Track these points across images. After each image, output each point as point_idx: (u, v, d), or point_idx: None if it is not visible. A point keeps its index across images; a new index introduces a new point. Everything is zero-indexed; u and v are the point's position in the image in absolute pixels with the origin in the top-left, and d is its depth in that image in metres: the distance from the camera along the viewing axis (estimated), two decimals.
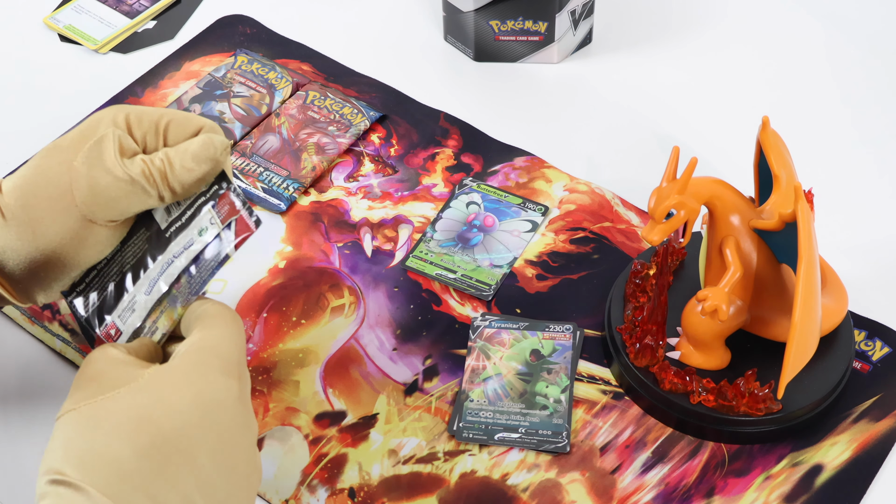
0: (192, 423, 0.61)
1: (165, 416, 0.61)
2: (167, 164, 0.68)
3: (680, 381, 0.77)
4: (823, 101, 1.00)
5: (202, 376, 0.63)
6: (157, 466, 0.60)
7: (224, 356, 0.65)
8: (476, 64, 1.03)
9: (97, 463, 0.59)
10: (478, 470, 0.76)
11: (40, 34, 1.07)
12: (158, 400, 0.62)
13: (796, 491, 0.75)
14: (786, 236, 0.72)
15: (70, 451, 0.60)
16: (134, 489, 0.59)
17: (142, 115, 0.70)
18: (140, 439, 0.60)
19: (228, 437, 0.63)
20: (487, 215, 0.90)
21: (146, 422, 0.61)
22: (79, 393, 0.63)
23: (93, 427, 0.61)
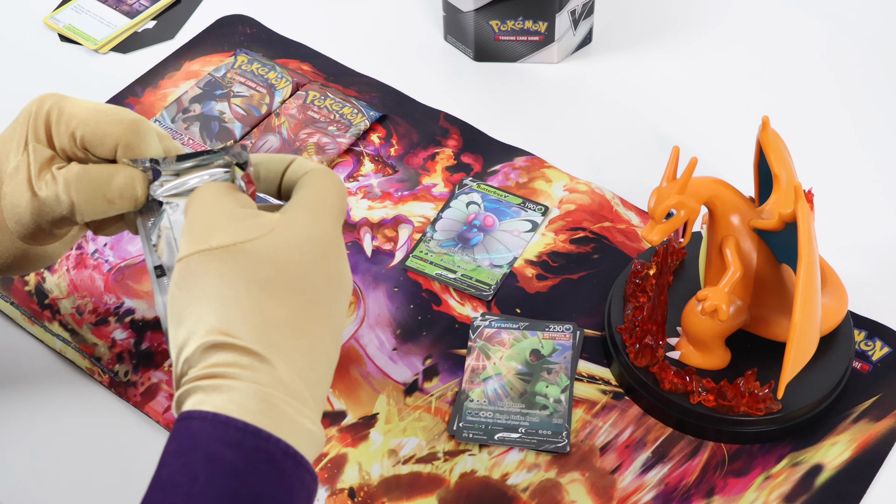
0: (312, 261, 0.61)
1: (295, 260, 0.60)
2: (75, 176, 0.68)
3: (680, 380, 0.77)
4: (823, 101, 1.00)
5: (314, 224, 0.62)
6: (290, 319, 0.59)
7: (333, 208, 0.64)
8: (476, 64, 1.03)
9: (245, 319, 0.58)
10: (478, 470, 0.76)
11: (40, 34, 1.07)
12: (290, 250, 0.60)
13: (796, 491, 0.75)
14: (786, 236, 0.72)
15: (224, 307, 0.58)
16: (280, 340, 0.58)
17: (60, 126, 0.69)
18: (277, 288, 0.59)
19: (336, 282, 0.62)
20: (487, 215, 0.90)
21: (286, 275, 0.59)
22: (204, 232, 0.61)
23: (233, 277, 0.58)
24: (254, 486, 0.53)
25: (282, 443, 0.55)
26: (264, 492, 0.53)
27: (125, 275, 0.87)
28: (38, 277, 0.87)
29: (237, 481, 0.53)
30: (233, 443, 0.54)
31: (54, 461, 0.78)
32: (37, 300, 0.85)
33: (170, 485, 0.53)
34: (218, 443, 0.54)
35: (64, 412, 0.81)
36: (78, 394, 0.82)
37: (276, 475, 0.54)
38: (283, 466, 0.54)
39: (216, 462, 0.53)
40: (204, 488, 0.53)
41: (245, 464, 0.53)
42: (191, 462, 0.54)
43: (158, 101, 1.00)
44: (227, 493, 0.53)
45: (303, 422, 0.57)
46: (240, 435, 0.54)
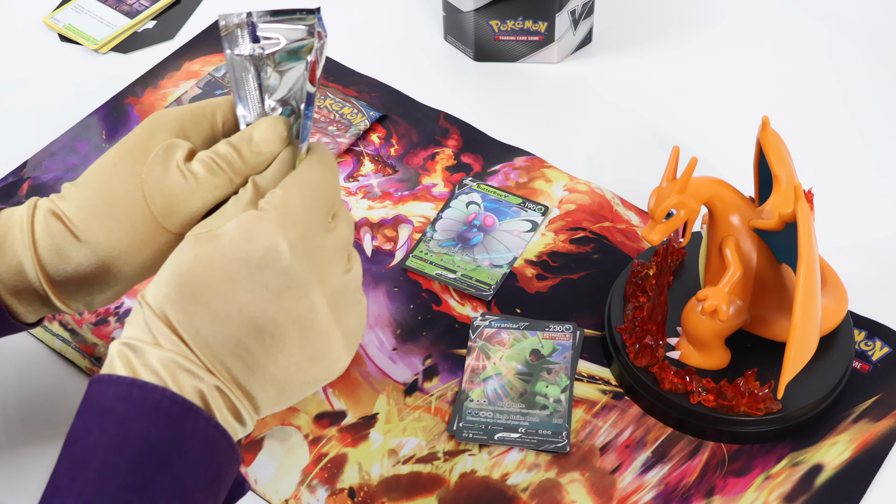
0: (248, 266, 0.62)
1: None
2: (233, 152, 0.68)
3: (680, 380, 0.77)
4: (823, 101, 1.00)
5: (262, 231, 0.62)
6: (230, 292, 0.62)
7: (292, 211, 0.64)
8: (476, 64, 1.03)
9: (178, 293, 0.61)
10: (478, 470, 0.76)
11: (40, 34, 1.07)
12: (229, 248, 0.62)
13: (796, 491, 0.75)
14: (786, 236, 0.72)
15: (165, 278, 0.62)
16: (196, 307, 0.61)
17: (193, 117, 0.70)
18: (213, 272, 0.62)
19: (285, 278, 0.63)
20: (487, 215, 0.90)
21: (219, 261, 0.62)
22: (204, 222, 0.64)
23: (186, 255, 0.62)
24: (140, 429, 0.58)
25: (168, 391, 0.59)
26: (150, 434, 0.58)
27: None
28: None
29: (124, 426, 0.58)
30: (121, 397, 0.59)
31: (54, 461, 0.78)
32: None
33: (72, 440, 0.59)
34: (109, 398, 0.59)
35: (64, 412, 0.81)
36: (78, 394, 0.81)
37: (163, 418, 0.59)
38: (169, 411, 0.59)
39: (107, 414, 0.59)
40: (98, 437, 0.58)
41: (131, 411, 0.59)
42: (88, 418, 0.59)
43: (158, 101, 1.00)
44: (117, 437, 0.58)
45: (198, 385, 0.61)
46: (128, 389, 0.59)
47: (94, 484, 0.57)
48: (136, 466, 0.57)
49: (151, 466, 0.58)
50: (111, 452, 0.58)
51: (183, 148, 0.68)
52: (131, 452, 0.58)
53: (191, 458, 0.59)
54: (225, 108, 0.71)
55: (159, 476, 0.58)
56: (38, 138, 0.98)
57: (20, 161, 0.96)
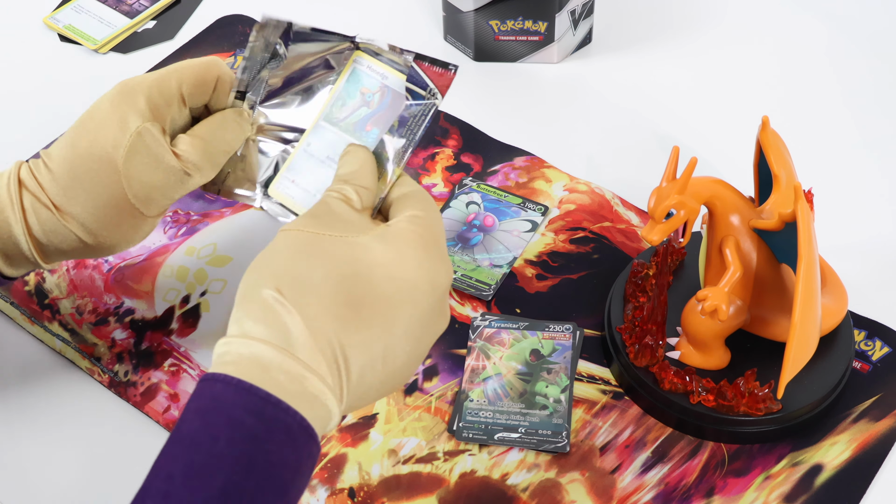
0: (402, 297, 0.63)
1: (383, 279, 0.63)
2: (202, 145, 0.72)
3: (680, 380, 0.77)
4: (823, 100, 1.00)
5: (426, 253, 0.65)
6: (356, 323, 0.61)
7: (441, 240, 0.67)
8: (476, 64, 1.03)
9: (311, 297, 0.61)
10: (478, 470, 0.76)
11: (40, 34, 1.07)
12: (379, 263, 0.63)
13: (796, 491, 0.75)
14: (786, 236, 0.72)
15: (289, 272, 0.61)
16: (333, 333, 0.61)
17: (161, 94, 0.72)
18: (353, 292, 0.62)
19: (426, 321, 0.64)
20: (487, 215, 0.90)
21: (363, 279, 0.62)
22: (313, 220, 0.64)
23: (315, 260, 0.62)
24: (269, 452, 0.57)
25: (298, 415, 0.58)
26: (278, 459, 0.57)
27: (125, 275, 0.87)
28: (38, 277, 0.87)
29: (254, 446, 0.56)
30: (254, 411, 0.57)
31: (54, 461, 0.78)
32: (37, 300, 0.85)
33: (191, 442, 0.57)
34: (240, 409, 0.57)
35: (64, 412, 0.81)
36: (78, 394, 0.82)
37: (290, 445, 0.57)
38: (296, 437, 0.58)
39: (237, 427, 0.56)
40: (224, 449, 0.56)
41: (264, 431, 0.57)
42: (213, 424, 0.57)
43: None
44: (244, 455, 0.56)
45: (322, 399, 0.60)
46: (261, 404, 0.57)
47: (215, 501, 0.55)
48: (260, 491, 0.56)
49: (272, 491, 0.56)
50: (239, 473, 0.56)
51: (163, 136, 0.71)
52: (258, 476, 0.56)
53: (301, 484, 0.59)
54: (188, 77, 0.73)
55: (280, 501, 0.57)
56: (38, 138, 0.98)
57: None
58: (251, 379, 0.58)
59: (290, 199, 0.74)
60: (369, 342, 0.62)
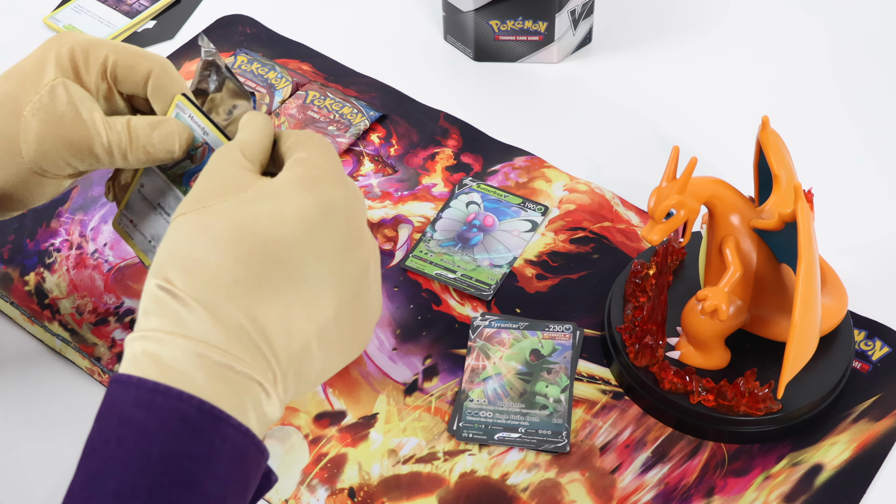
0: (295, 235, 0.59)
1: (269, 227, 0.58)
2: (128, 136, 0.69)
3: (680, 380, 0.77)
4: (823, 100, 1.00)
5: (309, 189, 0.60)
6: (255, 278, 0.57)
7: (332, 169, 0.62)
8: (476, 64, 1.03)
9: (198, 271, 0.57)
10: (478, 470, 0.76)
11: (40, 34, 1.07)
12: (264, 212, 0.59)
13: (796, 491, 0.75)
14: (786, 236, 0.72)
15: (175, 256, 0.58)
16: (230, 299, 0.57)
17: (88, 57, 0.70)
18: (241, 250, 0.58)
19: (337, 254, 0.60)
20: (487, 215, 0.90)
21: (249, 232, 0.58)
22: (194, 196, 0.60)
23: (198, 234, 0.58)
24: (164, 444, 0.53)
25: (195, 399, 0.54)
26: (177, 450, 0.53)
27: (125, 275, 0.87)
28: (38, 278, 0.87)
29: (146, 440, 0.53)
30: (142, 404, 0.54)
31: (54, 461, 0.78)
32: (37, 300, 0.85)
33: (89, 450, 0.54)
34: (130, 406, 0.54)
35: (64, 412, 0.81)
36: (78, 394, 0.82)
37: (189, 432, 0.54)
38: (197, 424, 0.54)
39: (127, 424, 0.54)
40: (115, 451, 0.53)
41: (154, 424, 0.53)
42: (106, 427, 0.54)
43: None
44: (137, 453, 0.53)
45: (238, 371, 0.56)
46: (149, 395, 0.54)
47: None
48: (159, 487, 0.52)
49: (177, 486, 0.53)
50: (132, 472, 0.52)
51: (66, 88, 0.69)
52: (154, 471, 0.53)
53: (220, 474, 0.54)
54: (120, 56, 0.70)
55: (185, 498, 0.53)
56: None
57: None
58: (143, 373, 0.55)
59: (132, 241, 0.73)
60: (282, 300, 0.58)
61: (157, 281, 0.58)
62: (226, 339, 0.56)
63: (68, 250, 0.88)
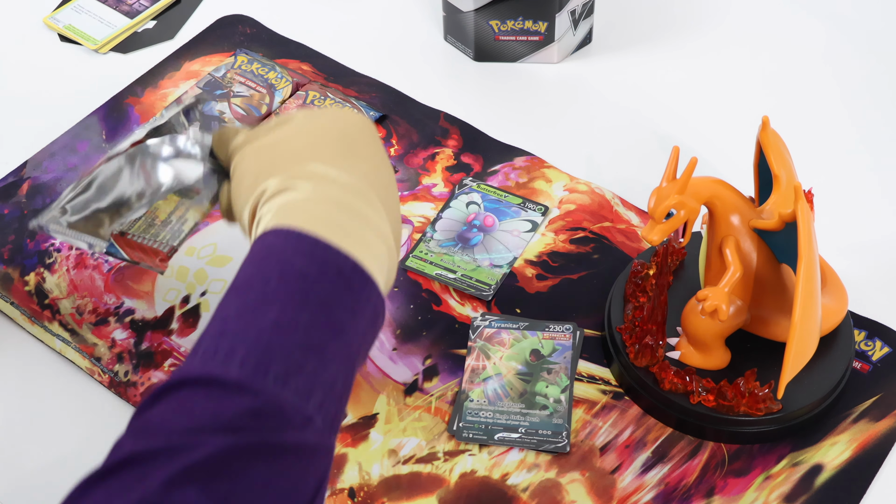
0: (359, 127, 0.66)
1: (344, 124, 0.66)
2: None
3: (680, 381, 0.77)
4: (823, 101, 1.00)
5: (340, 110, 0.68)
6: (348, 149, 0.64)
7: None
8: (476, 64, 1.03)
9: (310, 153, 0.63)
10: (478, 470, 0.76)
11: (40, 34, 1.07)
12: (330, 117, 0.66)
13: (796, 491, 0.75)
14: (786, 236, 0.72)
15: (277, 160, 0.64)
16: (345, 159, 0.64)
17: None
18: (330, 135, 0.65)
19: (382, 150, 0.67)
20: (487, 215, 0.90)
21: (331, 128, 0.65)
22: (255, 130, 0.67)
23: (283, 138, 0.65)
24: (321, 291, 0.57)
25: (351, 259, 0.58)
26: (332, 298, 0.57)
27: (125, 275, 0.87)
28: (38, 278, 0.87)
29: (306, 284, 0.57)
30: (304, 252, 0.57)
31: (54, 461, 0.78)
32: (37, 300, 0.85)
33: (244, 286, 0.57)
34: (290, 252, 0.58)
35: (64, 412, 0.81)
36: (78, 394, 0.82)
37: (343, 285, 0.57)
38: (350, 279, 0.58)
39: (287, 267, 0.57)
40: (276, 287, 0.56)
41: (315, 271, 0.57)
42: (265, 268, 0.57)
43: (158, 101, 1.00)
44: (297, 293, 0.56)
45: (379, 234, 0.61)
46: (310, 246, 0.58)
47: (270, 334, 0.55)
48: (314, 327, 0.56)
49: (328, 329, 0.56)
50: (291, 307, 0.56)
51: None
52: (311, 311, 0.56)
53: (360, 328, 0.58)
54: None
55: (334, 341, 0.56)
56: (38, 138, 0.98)
57: (20, 161, 0.96)
58: (300, 223, 0.59)
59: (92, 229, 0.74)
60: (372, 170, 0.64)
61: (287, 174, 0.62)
62: (364, 205, 0.61)
63: (68, 250, 0.88)
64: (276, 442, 0.52)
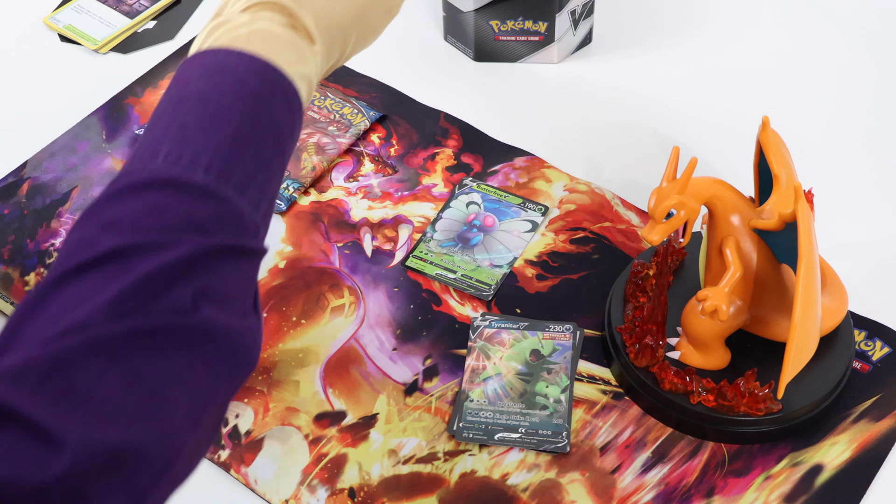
0: None
1: None
2: None
3: (680, 381, 0.77)
4: (823, 100, 1.00)
5: None
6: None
7: None
8: (476, 64, 1.03)
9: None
10: (478, 470, 0.76)
11: (40, 34, 1.07)
12: None
13: (796, 491, 0.75)
14: (786, 236, 0.72)
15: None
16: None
17: None
18: None
19: None
20: (487, 215, 0.90)
21: None
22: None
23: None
24: (270, 110, 0.60)
25: (293, 85, 0.61)
26: (278, 118, 0.60)
27: None
28: (38, 278, 0.87)
29: (258, 103, 0.59)
30: (257, 72, 0.60)
31: None
32: None
33: (201, 98, 0.59)
34: (244, 71, 0.60)
35: None
36: None
37: (286, 108, 0.61)
38: (292, 104, 0.61)
39: (243, 85, 0.60)
40: (233, 103, 0.59)
41: (268, 92, 0.60)
42: (221, 84, 0.60)
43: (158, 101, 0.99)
44: (250, 110, 0.59)
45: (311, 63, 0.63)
46: (262, 67, 0.60)
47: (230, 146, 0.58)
48: (265, 145, 0.59)
49: (274, 147, 0.60)
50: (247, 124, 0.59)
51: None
52: (262, 131, 0.59)
53: (292, 147, 0.62)
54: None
55: (277, 158, 0.60)
56: (38, 138, 0.98)
57: (20, 161, 0.96)
58: (249, 47, 0.61)
59: None
60: None
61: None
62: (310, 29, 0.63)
63: None
64: (239, 245, 0.56)
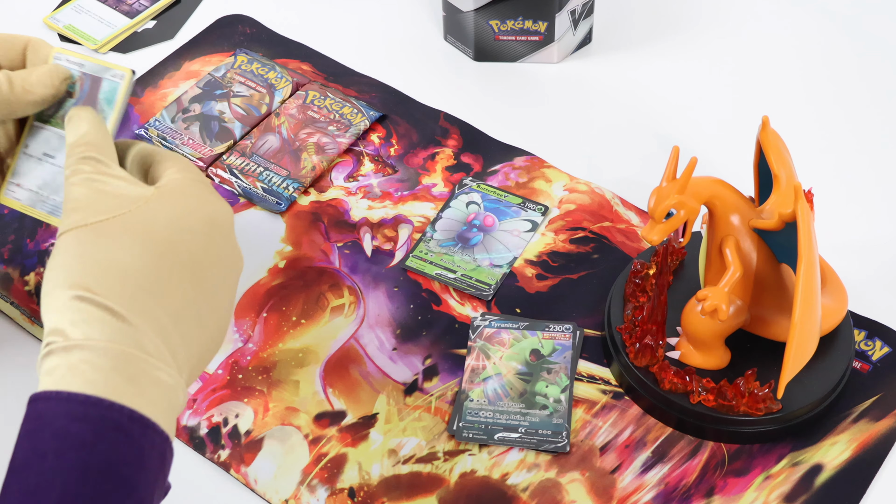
0: (199, 242, 0.62)
1: (178, 236, 0.62)
2: (8, 83, 0.69)
3: (680, 380, 0.77)
4: (823, 100, 1.00)
5: (203, 197, 0.64)
6: (166, 287, 0.60)
7: (209, 185, 0.66)
8: (476, 64, 1.03)
9: (118, 277, 0.59)
10: (478, 470, 0.76)
11: (40, 34, 1.07)
12: (168, 220, 0.62)
13: (796, 491, 0.75)
14: (786, 236, 0.72)
15: (90, 267, 0.59)
16: (146, 296, 0.59)
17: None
18: (150, 261, 0.60)
19: (227, 259, 0.64)
20: (487, 215, 0.90)
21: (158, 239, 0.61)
22: (83, 211, 0.62)
23: (109, 244, 0.60)
24: (102, 453, 0.55)
25: (125, 409, 0.56)
26: (114, 458, 0.55)
27: None
28: (39, 278, 0.87)
29: (84, 451, 0.55)
30: (77, 416, 0.55)
31: None
32: (37, 300, 0.85)
33: (22, 466, 0.55)
34: (63, 419, 0.55)
35: None
36: None
37: (124, 441, 0.56)
38: (130, 431, 0.56)
39: (63, 437, 0.55)
40: (54, 463, 0.54)
41: (91, 434, 0.55)
42: (40, 441, 0.55)
43: (158, 101, 1.00)
44: (77, 465, 0.54)
45: (158, 376, 0.58)
46: (83, 408, 0.55)
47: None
48: (101, 495, 0.54)
49: (117, 491, 0.55)
50: (72, 482, 0.54)
51: None
52: (95, 480, 0.54)
53: (149, 477, 0.56)
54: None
55: (125, 501, 0.55)
56: None
57: None
58: (71, 386, 0.56)
59: (19, 202, 0.74)
60: (185, 303, 0.61)
61: (75, 292, 0.58)
62: (150, 345, 0.58)
63: None
64: None
